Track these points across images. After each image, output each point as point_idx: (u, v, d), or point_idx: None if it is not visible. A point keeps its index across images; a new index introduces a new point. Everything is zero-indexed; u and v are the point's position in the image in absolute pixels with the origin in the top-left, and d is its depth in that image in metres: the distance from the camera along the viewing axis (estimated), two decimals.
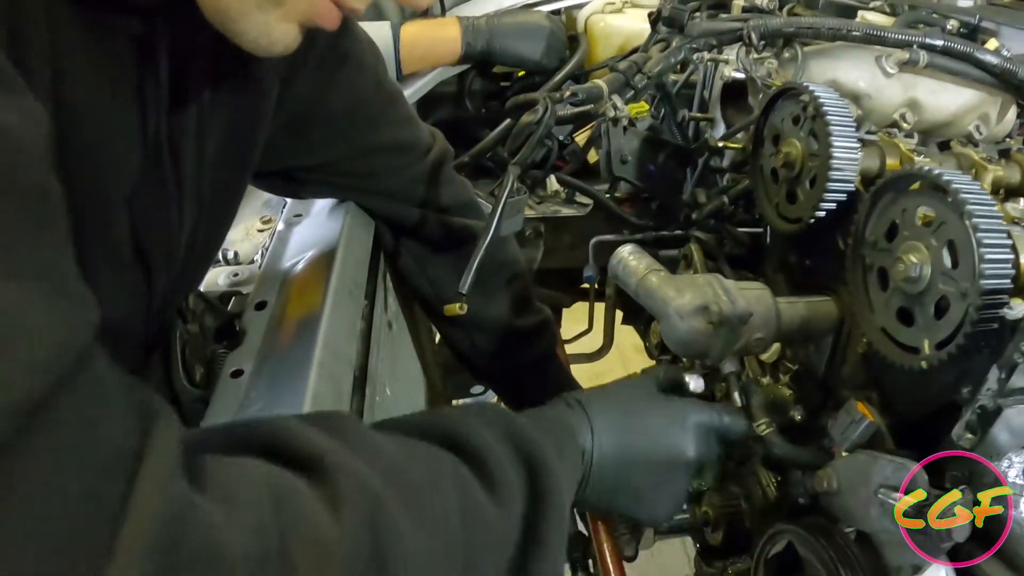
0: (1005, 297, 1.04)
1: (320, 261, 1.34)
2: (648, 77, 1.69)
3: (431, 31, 2.25)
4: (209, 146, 1.12)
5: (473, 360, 1.76)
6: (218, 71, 1.07)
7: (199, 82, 1.05)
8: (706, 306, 1.24)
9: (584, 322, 2.46)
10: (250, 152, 1.24)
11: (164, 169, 1.04)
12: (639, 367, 3.00)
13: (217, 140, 1.14)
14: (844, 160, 1.28)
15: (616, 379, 1.27)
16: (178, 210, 1.09)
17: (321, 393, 1.03)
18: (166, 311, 1.19)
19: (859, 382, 1.34)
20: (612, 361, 4.18)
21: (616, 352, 2.52)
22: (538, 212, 2.23)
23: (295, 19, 0.91)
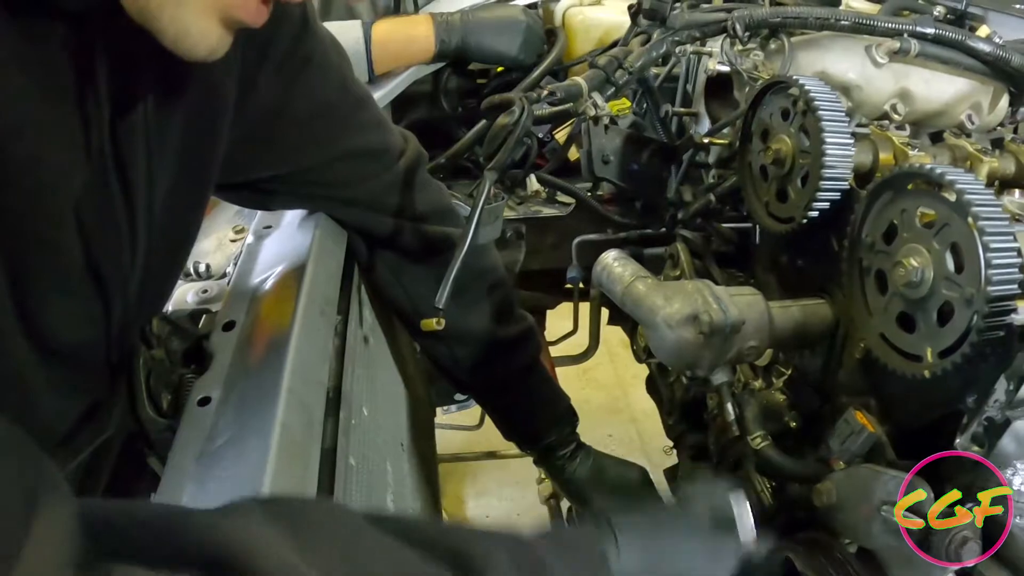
0: (1013, 303, 0.99)
1: (289, 277, 1.27)
2: (629, 72, 1.64)
3: (403, 29, 2.20)
4: (163, 159, 1.06)
5: (454, 373, 1.70)
6: (167, 80, 1.01)
7: (146, 92, 0.99)
8: (696, 315, 1.19)
9: (569, 323, 2.42)
10: (209, 164, 1.18)
11: (110, 185, 0.98)
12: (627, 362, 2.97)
13: (172, 152, 1.08)
14: (837, 157, 1.24)
15: (656, 502, 1.16)
16: (129, 228, 1.03)
17: (290, 423, 0.97)
18: (128, 335, 1.13)
19: (857, 388, 1.30)
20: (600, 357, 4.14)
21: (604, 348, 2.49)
22: (519, 213, 2.18)
23: (213, 15, 0.87)
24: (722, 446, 1.58)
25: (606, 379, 4.24)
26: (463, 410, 2.38)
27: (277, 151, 1.32)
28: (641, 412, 3.91)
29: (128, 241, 1.03)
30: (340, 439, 1.12)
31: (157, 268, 1.12)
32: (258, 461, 0.91)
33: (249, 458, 0.93)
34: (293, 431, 0.97)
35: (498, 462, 3.45)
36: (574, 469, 1.76)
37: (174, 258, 1.22)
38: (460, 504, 3.65)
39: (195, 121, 1.10)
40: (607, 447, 1.86)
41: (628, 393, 4.14)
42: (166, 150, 1.06)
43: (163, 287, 1.24)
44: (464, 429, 2.67)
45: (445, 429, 2.61)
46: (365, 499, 1.17)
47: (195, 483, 0.93)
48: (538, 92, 1.51)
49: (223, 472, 0.94)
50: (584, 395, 4.06)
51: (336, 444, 1.11)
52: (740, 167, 1.47)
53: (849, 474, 1.19)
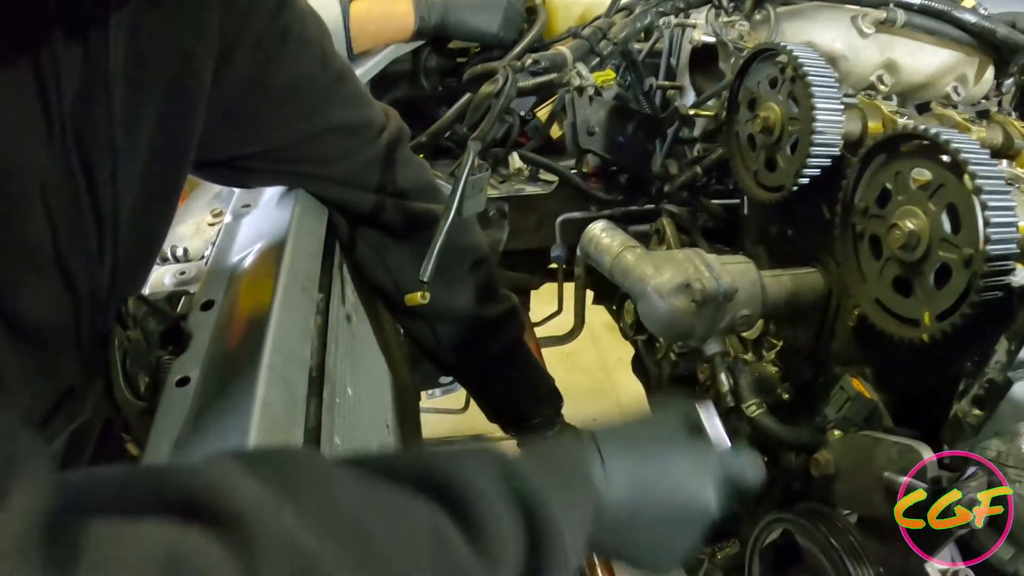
0: (1011, 263, 0.98)
1: (269, 254, 1.24)
2: (613, 43, 1.62)
3: (382, 7, 2.17)
4: (135, 139, 1.03)
5: (437, 353, 1.67)
6: (138, 53, 0.98)
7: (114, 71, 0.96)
8: (688, 283, 1.17)
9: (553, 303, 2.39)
10: (185, 141, 1.14)
11: (72, 168, 0.95)
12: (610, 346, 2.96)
13: (146, 132, 1.05)
14: (828, 122, 1.22)
15: (636, 413, 1.14)
16: (92, 207, 1.00)
17: (272, 400, 0.94)
18: (102, 319, 1.10)
19: (851, 357, 1.28)
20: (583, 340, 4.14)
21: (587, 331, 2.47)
22: (501, 192, 2.15)
23: None
24: None
25: (590, 363, 4.23)
26: (448, 394, 2.36)
27: (256, 127, 1.29)
28: (626, 395, 3.89)
29: (94, 225, 1.01)
30: (324, 418, 1.09)
31: (131, 250, 1.09)
32: (239, 439, 0.88)
33: (230, 437, 0.90)
34: (275, 408, 0.94)
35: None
36: None
37: (150, 239, 1.19)
38: None
39: (170, 99, 1.07)
40: None
41: (612, 376, 4.13)
42: (137, 130, 1.03)
43: (139, 269, 1.21)
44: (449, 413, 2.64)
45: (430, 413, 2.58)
46: None
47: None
48: (522, 61, 1.49)
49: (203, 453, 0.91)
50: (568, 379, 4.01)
51: (320, 423, 1.07)
52: (727, 137, 1.45)
53: (847, 442, 1.17)
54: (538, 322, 2.48)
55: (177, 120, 1.10)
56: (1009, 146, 1.43)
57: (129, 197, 1.05)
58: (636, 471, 1.01)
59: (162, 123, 1.07)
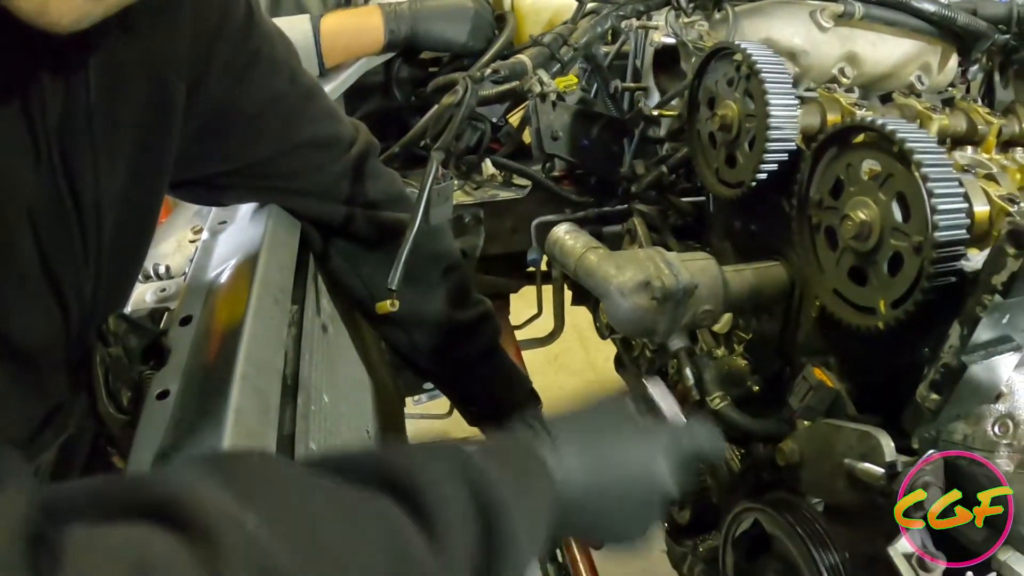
0: (961, 248, 1.00)
1: (243, 269, 1.26)
2: (575, 49, 1.64)
3: (352, 21, 2.19)
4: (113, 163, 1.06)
5: (414, 359, 1.69)
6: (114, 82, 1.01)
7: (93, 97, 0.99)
8: (648, 281, 1.19)
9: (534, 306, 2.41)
10: (162, 163, 1.17)
11: (60, 191, 0.98)
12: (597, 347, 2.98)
13: (123, 156, 1.08)
14: (782, 117, 1.24)
15: (584, 400, 1.16)
16: (80, 232, 1.03)
17: (245, 408, 0.97)
18: (86, 336, 1.12)
19: (815, 347, 1.30)
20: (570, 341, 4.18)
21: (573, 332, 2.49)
22: (476, 198, 2.17)
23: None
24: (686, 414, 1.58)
25: (577, 364, 4.24)
26: (434, 399, 2.38)
27: (228, 147, 1.32)
28: None
29: (80, 246, 1.04)
30: (299, 424, 1.11)
31: (114, 269, 1.12)
32: (213, 447, 0.91)
33: (205, 445, 0.92)
34: (248, 416, 0.96)
35: None
36: None
37: (131, 258, 1.22)
38: None
39: (146, 124, 1.10)
40: None
41: (601, 377, 4.13)
42: (116, 154, 1.06)
43: (121, 288, 1.24)
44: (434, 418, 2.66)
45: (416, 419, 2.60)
46: None
47: None
48: (481, 72, 1.51)
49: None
50: (557, 381, 4.07)
51: (295, 430, 1.10)
52: (689, 136, 1.47)
53: (811, 431, 1.19)
54: (518, 325, 2.50)
55: (153, 144, 1.13)
56: (973, 132, 1.45)
57: (111, 218, 1.08)
58: (588, 453, 1.04)
59: (139, 147, 1.09)
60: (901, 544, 1.08)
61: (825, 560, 1.13)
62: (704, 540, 1.61)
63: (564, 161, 1.82)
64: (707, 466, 1.55)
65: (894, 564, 1.07)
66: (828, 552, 1.14)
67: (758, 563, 1.26)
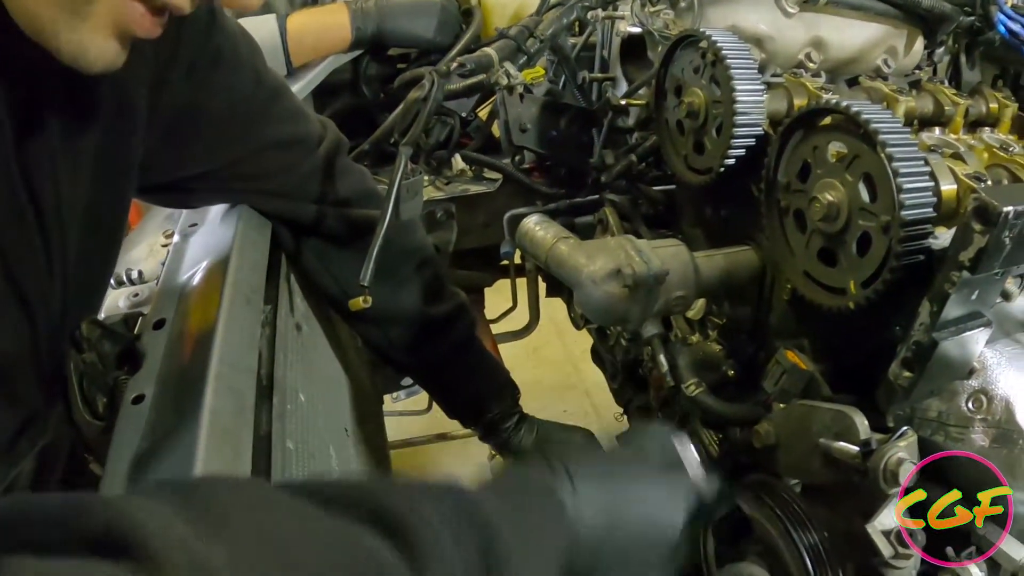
0: (929, 227, 1.01)
1: (215, 270, 1.26)
2: (540, 40, 1.64)
3: (319, 19, 2.19)
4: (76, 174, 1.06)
5: (391, 355, 1.71)
6: (73, 90, 1.01)
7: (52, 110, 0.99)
8: (619, 269, 1.19)
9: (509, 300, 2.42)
10: (126, 169, 1.17)
11: (22, 207, 0.99)
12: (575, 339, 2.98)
13: (86, 167, 1.08)
14: (748, 103, 1.25)
15: (609, 446, 1.14)
16: (42, 240, 1.03)
17: (220, 409, 0.96)
18: (58, 344, 1.12)
19: (789, 330, 1.31)
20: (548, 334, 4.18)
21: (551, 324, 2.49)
22: (447, 193, 2.17)
23: (108, 32, 0.87)
24: (662, 400, 1.59)
25: (556, 356, 4.25)
26: (412, 396, 2.37)
27: (194, 150, 1.31)
28: (594, 385, 3.92)
29: (44, 254, 1.04)
30: (275, 424, 1.11)
31: (82, 276, 1.12)
32: (189, 449, 0.90)
33: (180, 447, 0.92)
34: (223, 416, 0.96)
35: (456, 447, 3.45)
36: (519, 440, 1.76)
37: (100, 265, 1.21)
38: None
39: (108, 132, 1.09)
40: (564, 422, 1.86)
41: (579, 368, 4.15)
42: (78, 161, 1.06)
43: (92, 294, 1.23)
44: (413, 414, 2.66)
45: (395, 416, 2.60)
46: None
47: (133, 481, 0.92)
48: (447, 66, 1.51)
49: (158, 465, 0.93)
50: (536, 374, 4.07)
51: (271, 429, 1.10)
52: (657, 124, 1.47)
53: (785, 412, 1.20)
54: (494, 319, 2.50)
55: (116, 148, 1.12)
56: (940, 114, 1.46)
57: (75, 225, 1.07)
58: (610, 499, 1.03)
59: (102, 152, 1.09)
60: (879, 521, 1.08)
61: (804, 540, 1.14)
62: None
63: (533, 153, 1.83)
64: None
65: (873, 541, 1.08)
66: (807, 532, 1.14)
67: (739, 547, 1.26)
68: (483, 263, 2.39)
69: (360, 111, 2.34)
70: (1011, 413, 1.11)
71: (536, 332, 2.56)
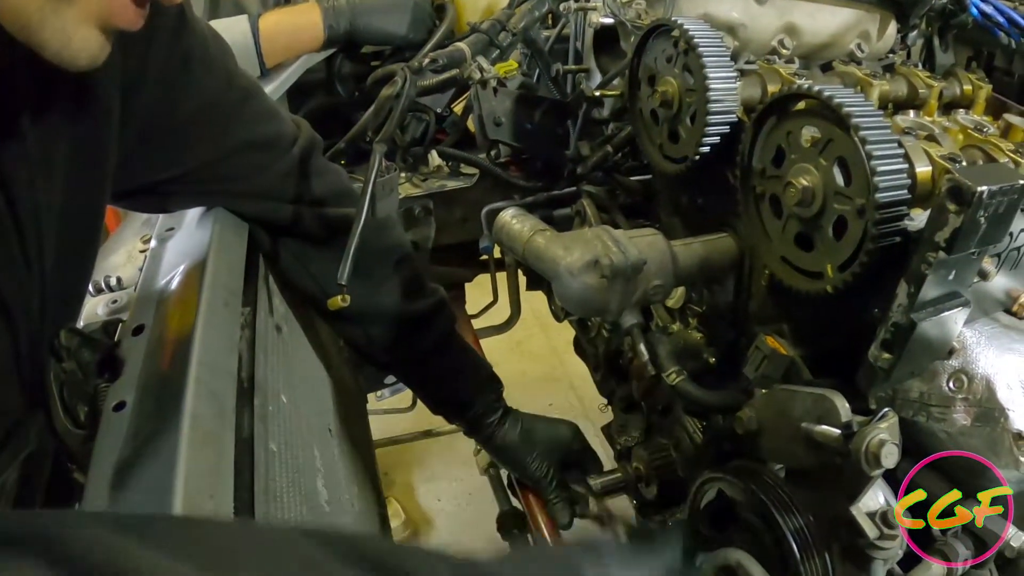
0: (904, 209, 1.01)
1: (192, 274, 1.26)
2: (513, 34, 1.64)
3: (291, 19, 2.18)
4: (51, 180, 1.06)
5: (372, 353, 1.70)
6: (46, 96, 1.01)
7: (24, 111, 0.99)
8: (596, 260, 1.19)
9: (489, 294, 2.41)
10: (100, 174, 1.16)
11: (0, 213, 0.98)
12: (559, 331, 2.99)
13: (61, 166, 1.07)
14: (722, 90, 1.25)
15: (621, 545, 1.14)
16: (21, 249, 1.03)
17: (200, 413, 0.96)
18: (38, 351, 1.11)
19: (768, 316, 1.31)
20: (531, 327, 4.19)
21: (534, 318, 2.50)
22: (424, 189, 2.17)
23: (92, 22, 0.88)
24: (644, 391, 1.59)
25: (540, 350, 4.26)
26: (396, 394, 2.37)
27: (167, 153, 1.31)
28: (578, 377, 3.92)
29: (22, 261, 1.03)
30: (258, 426, 1.11)
31: (60, 283, 1.12)
32: (171, 454, 0.90)
33: (162, 453, 0.92)
34: (204, 420, 0.96)
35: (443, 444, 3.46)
36: (504, 435, 1.77)
37: (78, 271, 1.21)
38: (410, 491, 3.64)
39: (81, 135, 1.09)
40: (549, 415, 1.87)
41: (564, 361, 4.16)
42: (53, 166, 1.05)
43: (70, 301, 1.23)
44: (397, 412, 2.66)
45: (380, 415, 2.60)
46: (291, 483, 1.16)
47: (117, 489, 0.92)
48: (420, 62, 1.50)
49: (141, 472, 0.93)
50: (520, 368, 4.08)
51: (253, 431, 1.10)
52: (632, 114, 1.47)
53: (767, 398, 1.20)
54: (475, 314, 2.50)
55: (90, 155, 1.12)
56: (914, 96, 1.47)
57: (52, 232, 1.07)
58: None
59: (76, 158, 1.09)
60: (863, 503, 1.09)
61: (790, 524, 1.14)
62: (673, 514, 1.62)
63: (509, 147, 1.82)
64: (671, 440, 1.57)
65: (858, 523, 1.08)
66: (792, 516, 1.15)
67: (725, 533, 1.26)
68: (462, 258, 2.39)
69: (335, 110, 2.34)
70: (992, 391, 1.12)
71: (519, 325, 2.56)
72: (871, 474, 1.03)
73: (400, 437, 3.32)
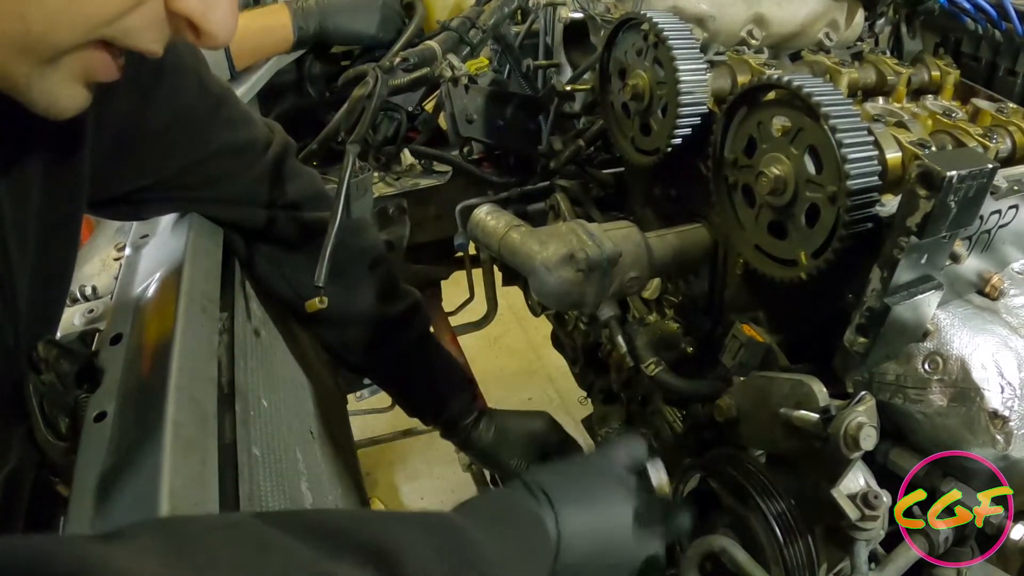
0: (875, 195, 1.02)
1: (168, 280, 1.25)
2: (483, 31, 1.64)
3: (260, 21, 2.17)
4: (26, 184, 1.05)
5: (347, 356, 1.70)
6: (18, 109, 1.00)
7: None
8: (572, 254, 1.19)
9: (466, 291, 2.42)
10: (75, 185, 1.16)
11: None
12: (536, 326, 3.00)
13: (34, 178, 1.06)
14: (692, 82, 1.26)
15: (578, 457, 1.17)
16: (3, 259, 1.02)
17: (182, 420, 0.96)
18: (15, 365, 1.11)
19: (743, 304, 1.32)
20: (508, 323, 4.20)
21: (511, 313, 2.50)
22: (397, 188, 2.17)
23: (77, 79, 0.90)
24: (624, 382, 1.60)
25: (518, 345, 4.26)
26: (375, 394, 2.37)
27: (141, 163, 1.30)
28: (556, 371, 3.94)
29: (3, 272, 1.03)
30: (240, 431, 1.11)
31: (38, 295, 1.11)
32: (154, 463, 0.90)
33: (146, 462, 0.92)
34: (186, 427, 0.96)
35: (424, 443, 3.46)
36: (479, 435, 1.77)
37: (56, 282, 1.20)
38: (394, 491, 3.64)
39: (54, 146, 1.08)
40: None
41: (541, 355, 4.16)
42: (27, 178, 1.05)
43: (48, 313, 1.21)
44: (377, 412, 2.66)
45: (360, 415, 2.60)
46: (275, 487, 1.16)
47: (101, 500, 0.92)
48: (391, 61, 1.50)
49: (125, 482, 0.93)
50: (498, 363, 4.08)
51: (236, 436, 1.09)
52: (603, 108, 1.48)
53: (745, 385, 1.21)
54: (452, 311, 2.50)
55: (64, 165, 1.11)
56: (883, 83, 1.48)
57: (30, 245, 1.06)
58: (590, 521, 1.07)
59: (50, 169, 1.08)
60: (844, 485, 1.10)
61: (772, 508, 1.15)
62: None
63: (481, 143, 1.83)
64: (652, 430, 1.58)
65: (839, 505, 1.09)
66: (774, 500, 1.15)
67: (709, 520, 1.27)
68: (438, 256, 2.39)
69: (306, 111, 2.33)
70: (967, 372, 1.13)
71: (496, 321, 2.56)
72: (850, 457, 1.04)
73: (381, 437, 3.31)
